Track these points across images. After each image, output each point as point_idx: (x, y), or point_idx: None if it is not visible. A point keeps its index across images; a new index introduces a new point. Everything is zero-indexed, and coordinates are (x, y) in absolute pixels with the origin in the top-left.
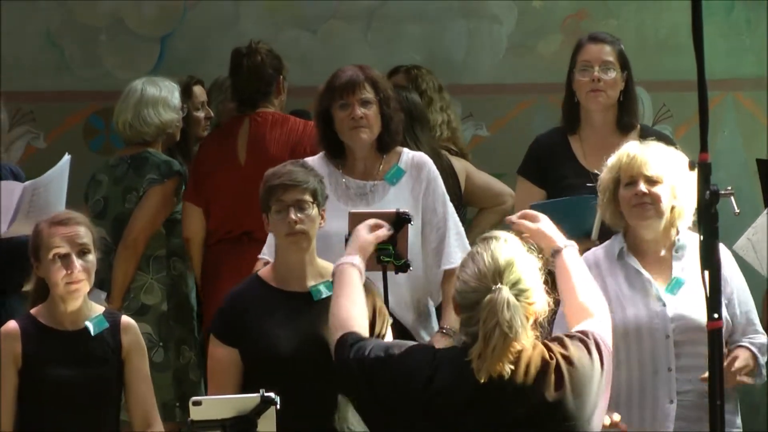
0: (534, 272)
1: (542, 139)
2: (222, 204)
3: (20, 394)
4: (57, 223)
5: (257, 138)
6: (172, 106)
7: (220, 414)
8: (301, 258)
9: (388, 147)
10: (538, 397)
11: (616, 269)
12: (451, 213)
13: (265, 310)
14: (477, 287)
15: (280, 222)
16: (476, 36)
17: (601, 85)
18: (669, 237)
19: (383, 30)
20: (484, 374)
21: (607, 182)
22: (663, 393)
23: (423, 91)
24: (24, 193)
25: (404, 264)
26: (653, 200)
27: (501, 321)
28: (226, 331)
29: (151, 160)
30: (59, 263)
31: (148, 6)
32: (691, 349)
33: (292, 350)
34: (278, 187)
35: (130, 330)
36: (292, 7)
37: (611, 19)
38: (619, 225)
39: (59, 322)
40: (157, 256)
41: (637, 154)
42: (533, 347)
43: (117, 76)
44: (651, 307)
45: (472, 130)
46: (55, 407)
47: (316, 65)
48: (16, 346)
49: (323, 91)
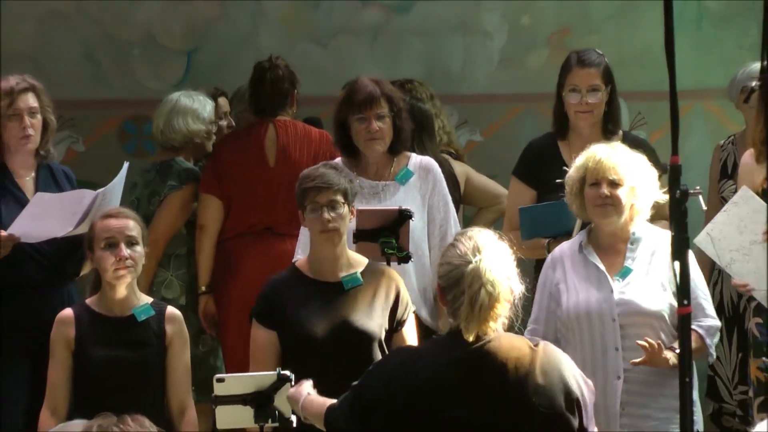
0: (507, 255)
1: (535, 144)
2: (247, 200)
3: (74, 374)
4: (109, 216)
5: (287, 143)
6: (201, 118)
7: (241, 390)
8: (333, 251)
9: (398, 152)
10: (516, 373)
11: (577, 261)
12: (452, 212)
13: (301, 297)
14: (459, 263)
15: (315, 220)
16: (471, 50)
17: (588, 107)
18: (626, 231)
19: (387, 44)
20: (472, 333)
21: (574, 180)
22: (611, 370)
23: (423, 101)
24: (95, 198)
25: (406, 255)
26: (614, 202)
27: (485, 282)
28: (267, 316)
29: (175, 167)
30: (109, 251)
31: (176, 23)
32: (636, 331)
33: (324, 334)
34: (313, 189)
35: (175, 320)
36: (305, 23)
37: (592, 35)
38: (585, 217)
39: (109, 309)
40: (177, 254)
41: (603, 158)
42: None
43: (148, 87)
44: (600, 294)
45: (467, 136)
46: (102, 386)
47: (326, 76)
48: (70, 330)
49: (342, 102)
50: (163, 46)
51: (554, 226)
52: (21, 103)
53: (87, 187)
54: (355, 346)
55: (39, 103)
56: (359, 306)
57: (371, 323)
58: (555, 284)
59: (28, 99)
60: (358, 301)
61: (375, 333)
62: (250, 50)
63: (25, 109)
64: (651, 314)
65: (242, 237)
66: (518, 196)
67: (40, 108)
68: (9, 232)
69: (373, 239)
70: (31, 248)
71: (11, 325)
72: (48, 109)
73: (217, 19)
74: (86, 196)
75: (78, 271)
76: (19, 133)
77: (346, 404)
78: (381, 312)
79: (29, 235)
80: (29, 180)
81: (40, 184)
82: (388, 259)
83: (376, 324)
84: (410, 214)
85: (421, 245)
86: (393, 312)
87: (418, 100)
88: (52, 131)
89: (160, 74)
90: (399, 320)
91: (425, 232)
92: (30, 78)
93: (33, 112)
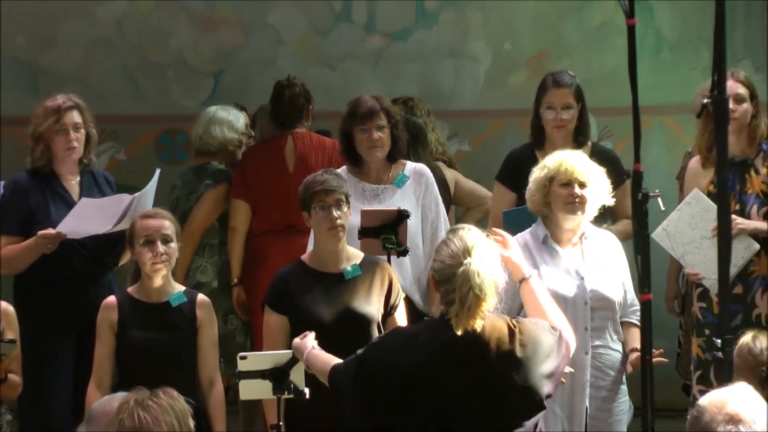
0: (493, 252)
1: (515, 153)
2: (271, 202)
3: (117, 353)
4: (147, 217)
5: (304, 153)
6: (235, 129)
7: (261, 366)
8: (336, 246)
9: (395, 159)
10: (498, 351)
11: (542, 250)
12: (443, 211)
13: (307, 286)
14: (451, 263)
15: (324, 218)
16: (460, 72)
17: (562, 122)
18: (580, 228)
19: (387, 67)
20: (461, 329)
21: (541, 178)
22: (581, 347)
23: (418, 116)
24: (132, 201)
25: (404, 250)
26: (581, 201)
27: (473, 285)
28: (278, 303)
29: (210, 169)
30: (147, 247)
31: (205, 49)
32: (601, 314)
33: (328, 317)
34: (321, 191)
35: (204, 306)
36: (317, 49)
37: (565, 59)
38: (542, 212)
39: (147, 296)
40: (211, 244)
41: (575, 163)
42: (500, 318)
43: (180, 104)
44: (573, 281)
45: (457, 146)
46: (141, 363)
47: (336, 94)
48: (113, 315)
49: (347, 115)
50: (193, 69)
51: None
52: (67, 120)
53: (127, 190)
54: (356, 328)
55: (82, 119)
56: (359, 293)
57: (369, 308)
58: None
59: (73, 116)
60: (357, 289)
61: (373, 316)
62: (270, 72)
63: (70, 124)
64: (612, 301)
65: (267, 234)
66: (500, 198)
67: (83, 123)
68: (57, 230)
69: (375, 236)
70: (76, 243)
71: (59, 310)
72: (90, 124)
73: (241, 45)
74: (124, 199)
75: (116, 262)
76: (65, 145)
77: (351, 370)
78: (377, 298)
79: (75, 232)
80: (75, 184)
81: (84, 187)
82: (388, 253)
83: (374, 308)
84: (408, 214)
85: (415, 239)
86: (387, 298)
87: (413, 114)
88: (93, 143)
89: (191, 93)
90: (392, 305)
91: (419, 228)
92: (75, 97)
93: (77, 127)
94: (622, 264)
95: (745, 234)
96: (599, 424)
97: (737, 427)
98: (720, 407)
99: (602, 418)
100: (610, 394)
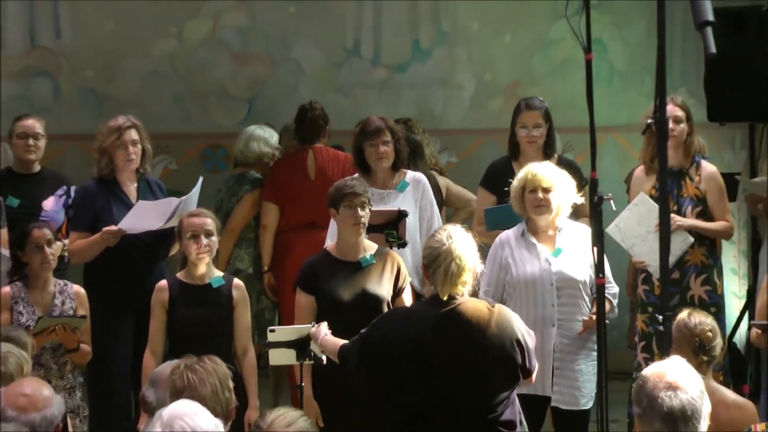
0: (471, 242)
1: (495, 163)
2: (295, 204)
3: (168, 328)
4: (193, 215)
5: (323, 164)
6: (269, 144)
7: (287, 338)
8: (356, 239)
9: (397, 169)
10: (478, 327)
11: (520, 243)
12: (436, 211)
13: (331, 272)
14: (437, 246)
15: (350, 216)
16: (449, 98)
17: (533, 139)
18: (554, 224)
19: (390, 94)
20: (445, 294)
21: (516, 188)
22: (548, 321)
23: (416, 134)
24: (180, 203)
25: (403, 243)
26: (546, 203)
27: (454, 258)
28: (307, 285)
29: (249, 177)
30: (193, 241)
31: (241, 79)
32: (567, 292)
33: (349, 298)
34: (350, 193)
35: (239, 288)
36: (332, 79)
37: (535, 87)
38: (524, 214)
39: (193, 280)
40: (248, 238)
41: (538, 172)
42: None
43: (221, 124)
44: (542, 266)
45: (446, 158)
46: (188, 336)
47: (348, 117)
48: (165, 295)
49: (358, 133)
50: (231, 96)
51: (508, 221)
52: (126, 137)
53: (177, 194)
54: (370, 307)
55: (139, 136)
56: (373, 278)
57: (381, 290)
58: (504, 259)
59: (131, 134)
60: (372, 274)
61: (384, 297)
62: (294, 98)
63: (128, 141)
64: (576, 281)
65: (292, 230)
66: (483, 200)
67: (140, 140)
68: (119, 227)
69: (380, 231)
70: (134, 237)
71: (121, 293)
72: (146, 141)
73: (270, 76)
74: (173, 201)
75: (167, 253)
76: (125, 157)
77: (356, 346)
78: (387, 282)
79: (133, 228)
80: (132, 189)
81: (140, 192)
82: (390, 246)
83: (385, 291)
84: (406, 213)
85: (414, 235)
86: (395, 282)
87: (412, 132)
88: (148, 156)
89: (229, 115)
90: (399, 288)
91: (417, 226)
92: (133, 118)
93: (134, 143)
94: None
95: (682, 230)
96: (570, 382)
97: (675, 392)
98: (661, 376)
99: (572, 377)
100: (578, 358)
